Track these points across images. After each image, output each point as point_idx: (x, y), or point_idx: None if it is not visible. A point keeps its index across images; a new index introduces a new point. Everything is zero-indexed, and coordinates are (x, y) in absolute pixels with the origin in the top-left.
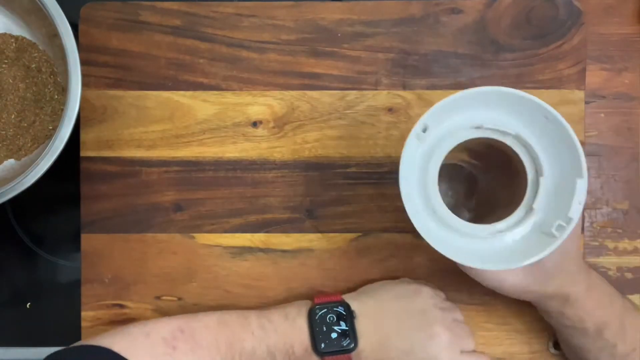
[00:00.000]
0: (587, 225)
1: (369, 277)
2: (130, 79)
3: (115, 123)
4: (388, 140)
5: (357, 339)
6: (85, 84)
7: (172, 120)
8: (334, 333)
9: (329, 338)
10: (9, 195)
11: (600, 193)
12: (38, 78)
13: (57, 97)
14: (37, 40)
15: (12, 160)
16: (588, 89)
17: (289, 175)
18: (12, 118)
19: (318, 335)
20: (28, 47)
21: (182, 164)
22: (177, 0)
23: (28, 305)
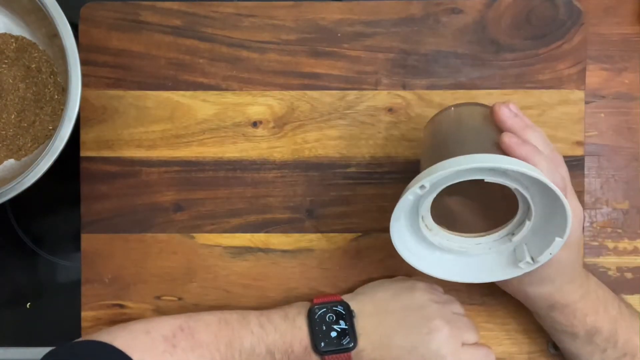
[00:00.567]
0: (587, 225)
1: (369, 277)
2: (130, 79)
3: (115, 123)
4: (388, 140)
5: (356, 338)
6: (85, 84)
7: (172, 120)
8: (334, 332)
9: (329, 337)
10: (9, 195)
11: (600, 193)
12: (38, 78)
13: (57, 97)
14: (37, 40)
15: (12, 160)
16: (588, 89)
17: (289, 175)
18: (12, 118)
19: (318, 334)
20: (28, 47)
21: (182, 164)
22: (177, 0)
23: (28, 305)
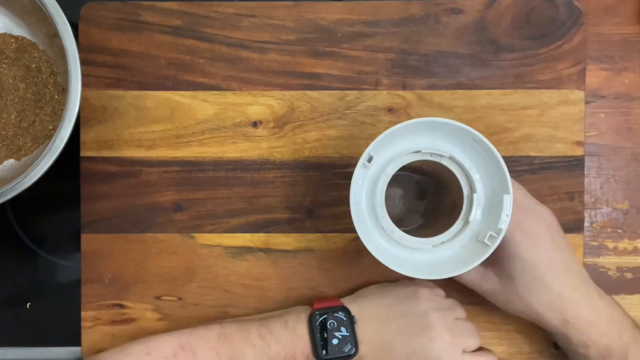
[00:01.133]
0: (587, 225)
1: (369, 277)
2: (130, 79)
3: (115, 123)
4: None
5: (357, 345)
6: (85, 84)
7: (172, 120)
8: (335, 339)
9: (330, 345)
10: (9, 195)
11: (600, 193)
12: (38, 78)
13: (57, 97)
14: (37, 40)
15: (12, 160)
16: (588, 89)
17: (289, 175)
18: (12, 118)
19: (319, 343)
20: (28, 47)
21: (182, 164)
22: (177, 0)
23: (28, 305)
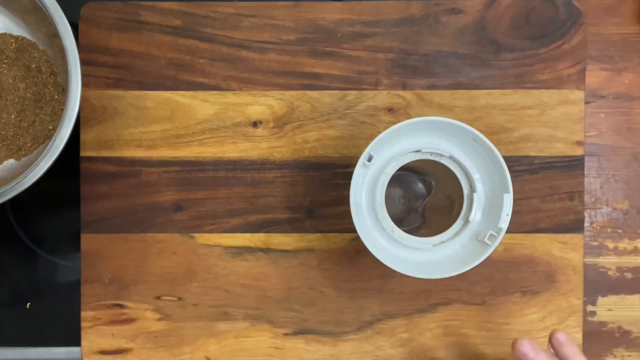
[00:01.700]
0: (587, 225)
1: (369, 277)
2: (130, 79)
3: (115, 123)
4: None
5: None
6: (85, 84)
7: (172, 120)
8: None
9: None
10: (9, 195)
11: (600, 193)
12: (38, 78)
13: (57, 97)
14: (37, 40)
15: (12, 160)
16: (588, 89)
17: (289, 175)
18: (12, 118)
19: None
20: (28, 47)
21: (182, 164)
22: (177, 0)
23: (28, 305)
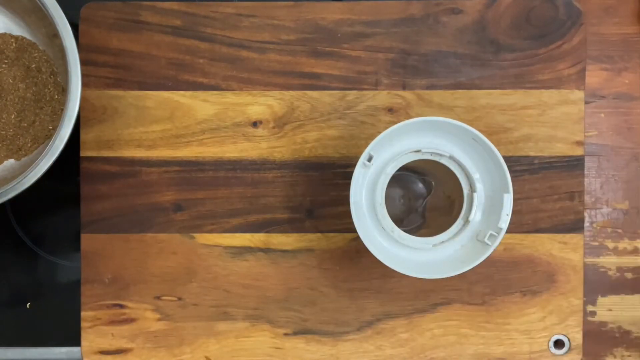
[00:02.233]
0: (587, 225)
1: (369, 277)
2: (130, 79)
3: (115, 123)
4: None
5: None
6: (85, 84)
7: (172, 120)
8: None
9: None
10: (9, 195)
11: (600, 193)
12: (38, 78)
13: (57, 97)
14: (37, 40)
15: (12, 160)
16: (588, 89)
17: (289, 175)
18: (12, 118)
19: None
20: (28, 47)
21: (182, 164)
22: (177, 0)
23: (28, 305)
